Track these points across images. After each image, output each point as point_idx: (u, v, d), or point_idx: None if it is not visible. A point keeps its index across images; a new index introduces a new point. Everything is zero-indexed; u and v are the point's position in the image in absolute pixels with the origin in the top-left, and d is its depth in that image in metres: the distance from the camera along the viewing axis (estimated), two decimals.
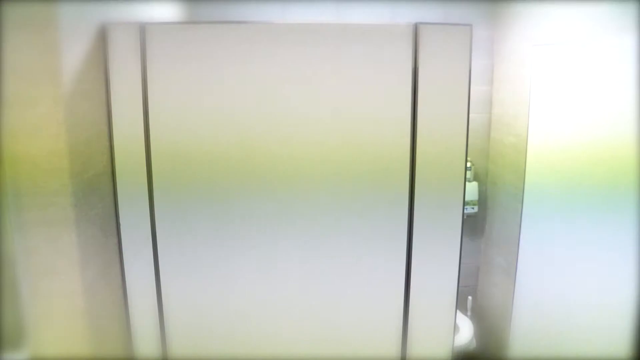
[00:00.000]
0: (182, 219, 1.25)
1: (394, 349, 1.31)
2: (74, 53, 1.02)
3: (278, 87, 1.17)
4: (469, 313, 2.50)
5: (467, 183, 2.35)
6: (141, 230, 1.23)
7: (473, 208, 2.41)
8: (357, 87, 1.17)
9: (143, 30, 1.14)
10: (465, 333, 2.27)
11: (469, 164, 2.35)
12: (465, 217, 2.45)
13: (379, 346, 1.32)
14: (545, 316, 1.85)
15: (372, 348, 1.33)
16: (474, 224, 2.52)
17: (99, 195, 1.15)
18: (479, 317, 2.51)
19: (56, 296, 1.04)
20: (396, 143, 1.19)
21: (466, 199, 2.34)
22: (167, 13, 1.82)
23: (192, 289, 1.29)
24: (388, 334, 1.31)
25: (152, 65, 1.15)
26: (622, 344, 1.42)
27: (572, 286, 1.69)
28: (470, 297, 2.52)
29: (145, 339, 1.30)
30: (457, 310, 1.43)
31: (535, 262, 1.92)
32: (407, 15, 2.22)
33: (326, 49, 1.16)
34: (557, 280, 1.77)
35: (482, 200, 2.46)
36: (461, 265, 1.24)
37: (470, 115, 1.15)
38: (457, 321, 2.30)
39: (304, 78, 1.17)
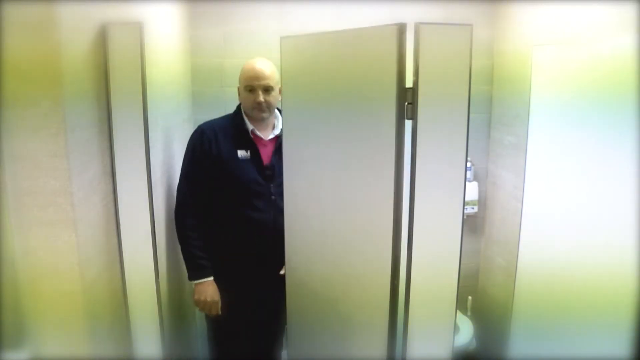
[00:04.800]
0: None
1: (394, 348, 1.31)
2: (74, 53, 1.02)
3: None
4: (469, 313, 2.50)
5: (467, 183, 2.35)
6: (141, 228, 1.23)
7: (473, 208, 2.41)
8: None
9: (143, 30, 1.14)
10: (465, 333, 2.26)
11: (469, 164, 2.35)
12: (465, 217, 2.45)
13: (379, 346, 1.32)
14: (545, 317, 1.85)
15: (372, 348, 1.33)
16: (474, 224, 2.52)
17: (99, 195, 1.15)
18: (479, 317, 2.51)
19: (56, 296, 1.04)
20: None
21: (466, 199, 2.34)
22: (167, 13, 1.82)
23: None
24: (388, 333, 1.31)
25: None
26: (623, 343, 1.42)
27: (572, 286, 1.69)
28: (470, 297, 2.52)
29: (145, 339, 1.30)
30: (457, 310, 1.43)
31: (535, 262, 1.92)
32: (407, 15, 2.21)
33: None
34: (557, 280, 1.77)
35: (482, 200, 2.46)
36: (461, 265, 1.24)
37: (470, 115, 1.15)
38: (457, 321, 2.30)
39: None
